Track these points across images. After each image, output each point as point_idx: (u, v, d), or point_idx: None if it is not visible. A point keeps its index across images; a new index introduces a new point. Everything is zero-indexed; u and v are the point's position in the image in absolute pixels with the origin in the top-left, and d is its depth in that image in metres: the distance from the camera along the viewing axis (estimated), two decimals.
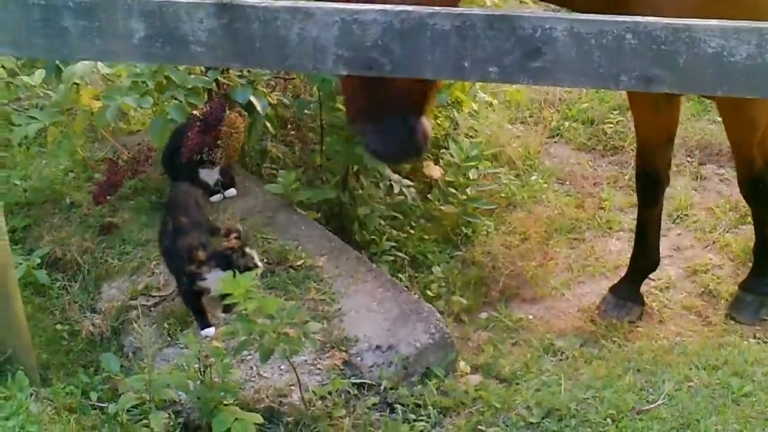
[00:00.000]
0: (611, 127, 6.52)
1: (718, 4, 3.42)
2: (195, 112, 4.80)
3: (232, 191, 5.14)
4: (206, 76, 4.78)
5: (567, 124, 6.65)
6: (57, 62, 4.67)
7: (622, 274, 4.90)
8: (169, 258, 4.37)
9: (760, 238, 4.72)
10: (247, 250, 4.11)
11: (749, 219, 5.46)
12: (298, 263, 4.64)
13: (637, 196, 4.77)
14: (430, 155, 5.81)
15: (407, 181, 5.38)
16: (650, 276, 4.97)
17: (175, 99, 4.61)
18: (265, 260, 4.65)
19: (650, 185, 4.65)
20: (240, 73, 5.04)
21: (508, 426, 3.62)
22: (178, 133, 4.87)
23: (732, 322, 4.64)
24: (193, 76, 4.73)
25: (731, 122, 4.35)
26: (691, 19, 2.28)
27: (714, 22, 2.26)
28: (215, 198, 5.09)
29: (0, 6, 2.72)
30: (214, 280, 3.97)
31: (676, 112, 4.60)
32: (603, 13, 2.34)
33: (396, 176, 5.37)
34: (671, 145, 4.69)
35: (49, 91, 5.24)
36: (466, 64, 2.47)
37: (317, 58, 2.59)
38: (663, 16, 2.27)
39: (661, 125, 4.53)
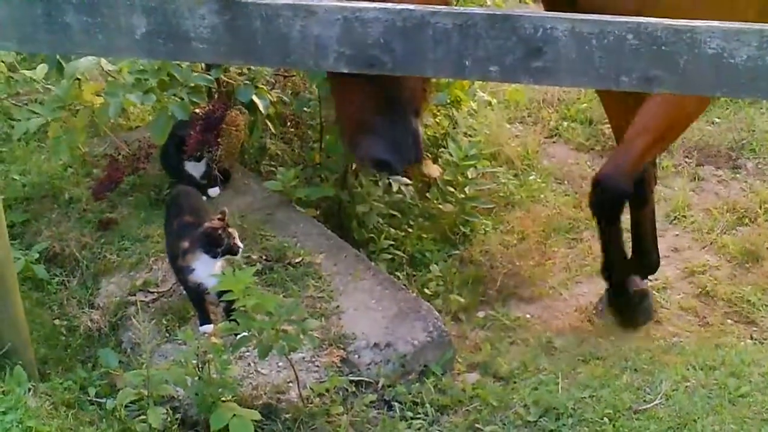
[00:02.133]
0: (610, 128, 6.52)
1: None
2: (197, 110, 4.81)
3: (215, 190, 5.12)
4: (208, 73, 4.79)
5: (566, 124, 6.66)
6: (59, 57, 4.67)
7: None
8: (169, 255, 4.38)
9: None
10: (231, 230, 4.10)
11: (747, 220, 5.49)
12: (297, 260, 4.65)
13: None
14: (429, 154, 5.82)
15: (406, 180, 5.38)
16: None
17: (177, 97, 4.61)
18: (264, 257, 4.67)
19: (635, 185, 4.65)
20: (241, 71, 5.04)
21: (505, 424, 3.62)
22: (173, 129, 4.86)
23: (729, 322, 4.65)
24: (195, 74, 4.74)
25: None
26: (693, 21, 2.29)
27: (715, 23, 2.27)
28: (213, 192, 5.09)
29: (4, 2, 2.73)
30: (202, 269, 4.03)
31: None
32: None
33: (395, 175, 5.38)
34: None
35: (49, 86, 5.24)
36: (467, 63, 2.48)
37: (319, 56, 2.60)
38: None
39: None
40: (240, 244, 4.10)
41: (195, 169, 5.01)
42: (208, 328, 4.13)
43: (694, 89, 2.44)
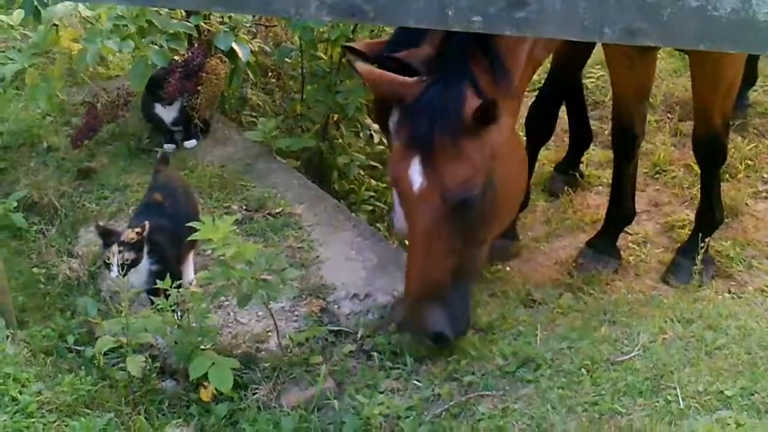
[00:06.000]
0: (592, 82, 6.51)
1: None
2: (176, 57, 4.76)
3: (192, 142, 5.10)
4: (188, 20, 4.74)
5: None
6: (35, 3, 4.60)
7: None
8: None
9: (705, 205, 4.77)
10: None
11: (727, 176, 5.50)
12: (277, 211, 4.64)
13: (613, 151, 4.81)
14: None
15: None
16: (627, 231, 5.00)
17: (156, 44, 4.56)
18: (244, 207, 4.66)
19: (626, 140, 4.69)
20: (221, 19, 5.00)
21: (483, 374, 3.64)
22: (153, 77, 4.82)
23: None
24: (174, 21, 4.68)
25: (698, 71, 4.42)
26: None
27: None
28: (189, 144, 5.07)
29: None
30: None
31: (651, 68, 4.63)
32: None
33: (376, 126, 5.36)
34: (647, 100, 4.74)
35: (26, 33, 5.18)
36: (449, 13, 2.46)
37: (300, 4, 2.57)
38: None
39: (636, 81, 4.56)
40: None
41: (166, 113, 4.96)
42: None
43: (677, 42, 2.43)
